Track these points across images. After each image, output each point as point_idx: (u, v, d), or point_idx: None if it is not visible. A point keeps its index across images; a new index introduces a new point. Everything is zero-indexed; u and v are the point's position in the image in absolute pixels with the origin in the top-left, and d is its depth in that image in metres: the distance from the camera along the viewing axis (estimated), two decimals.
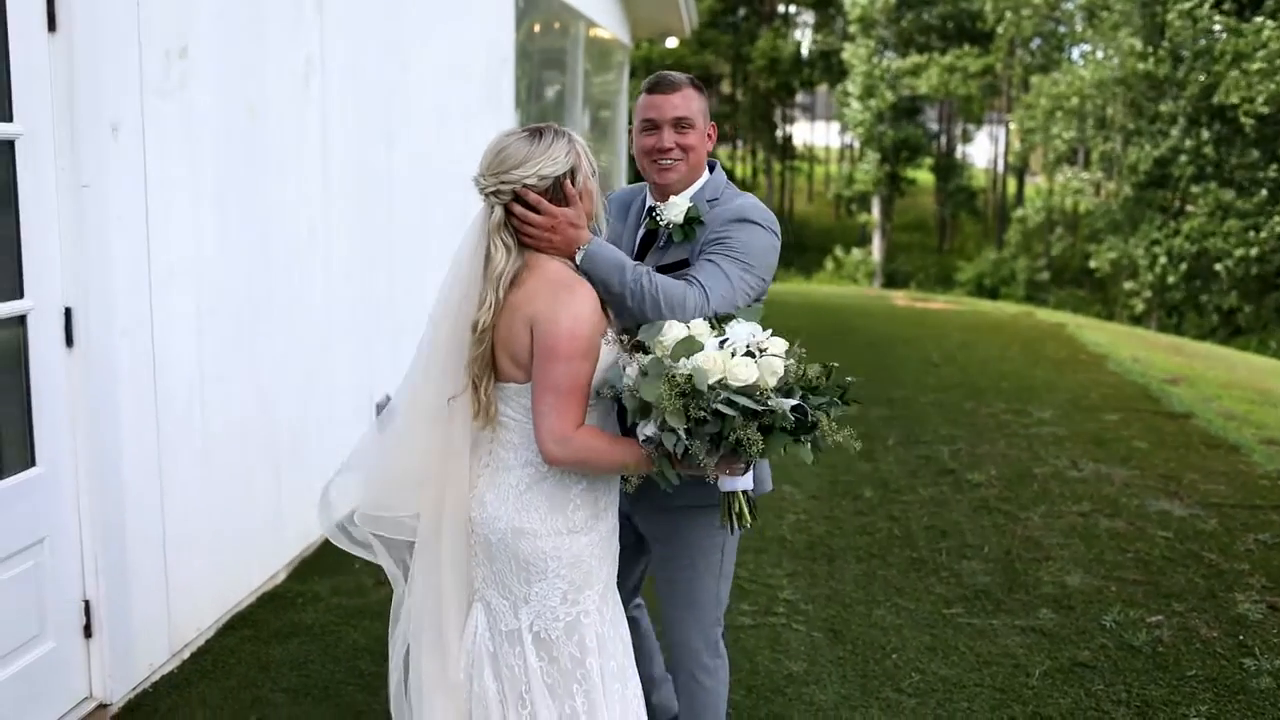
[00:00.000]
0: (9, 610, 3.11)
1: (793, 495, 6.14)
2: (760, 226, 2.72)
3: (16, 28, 3.04)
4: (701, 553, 2.89)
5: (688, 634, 2.96)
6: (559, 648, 2.61)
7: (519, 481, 2.57)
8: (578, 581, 2.61)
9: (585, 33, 10.99)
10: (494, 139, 2.58)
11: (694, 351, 2.40)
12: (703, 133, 2.78)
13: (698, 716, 3.04)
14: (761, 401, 2.36)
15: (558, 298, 2.47)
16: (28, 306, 3.13)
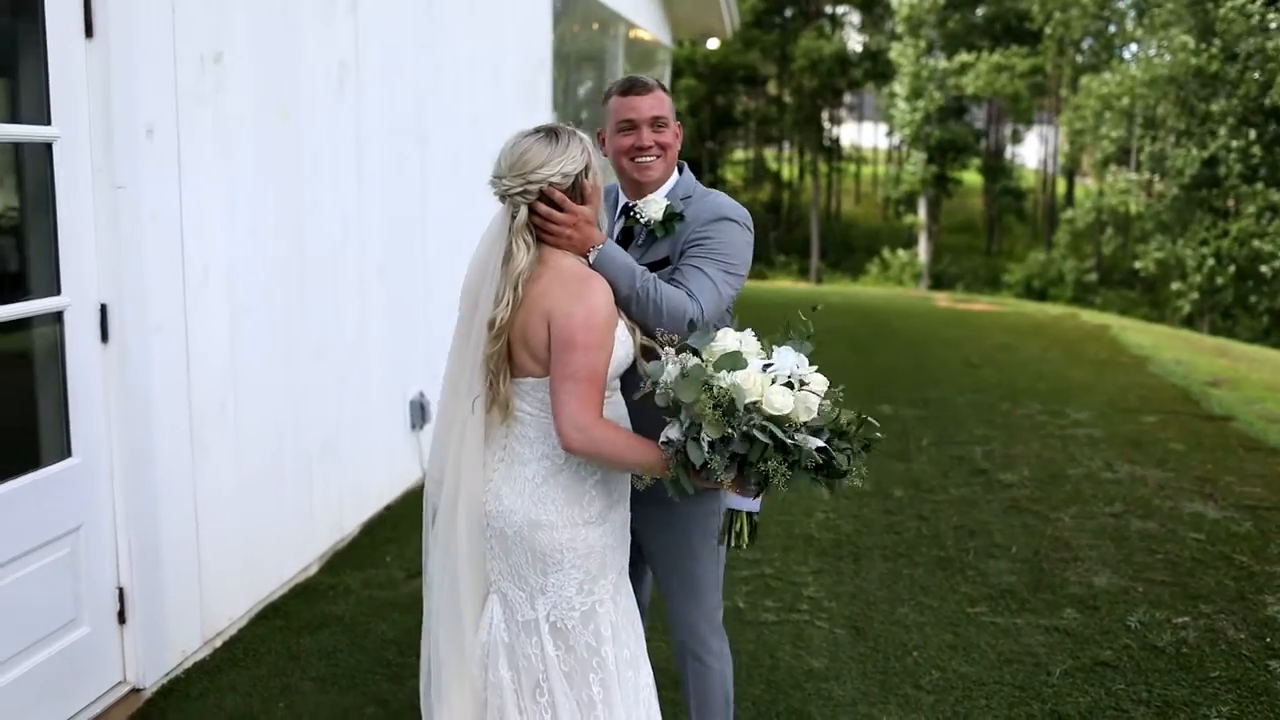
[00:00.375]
0: (47, 595, 3.23)
1: (822, 493, 6.14)
2: (737, 224, 2.81)
3: (55, 34, 3.16)
4: (701, 539, 2.95)
5: (694, 619, 3.02)
6: (575, 637, 2.67)
7: (535, 475, 2.63)
8: (593, 571, 2.67)
9: (625, 34, 11.05)
10: (510, 140, 2.64)
11: (738, 367, 2.42)
12: (674, 132, 2.85)
13: (708, 697, 3.09)
14: (790, 435, 2.39)
15: (573, 291, 2.53)
16: (65, 303, 3.25)
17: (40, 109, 3.15)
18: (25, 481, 3.14)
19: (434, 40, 5.98)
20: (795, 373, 2.45)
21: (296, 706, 3.75)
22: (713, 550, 2.99)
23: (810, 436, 2.41)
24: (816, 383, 2.47)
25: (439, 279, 5.94)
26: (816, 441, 2.41)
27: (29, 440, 3.26)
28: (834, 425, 2.46)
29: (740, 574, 4.98)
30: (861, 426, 2.52)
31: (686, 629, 3.04)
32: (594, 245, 2.65)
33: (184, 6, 3.67)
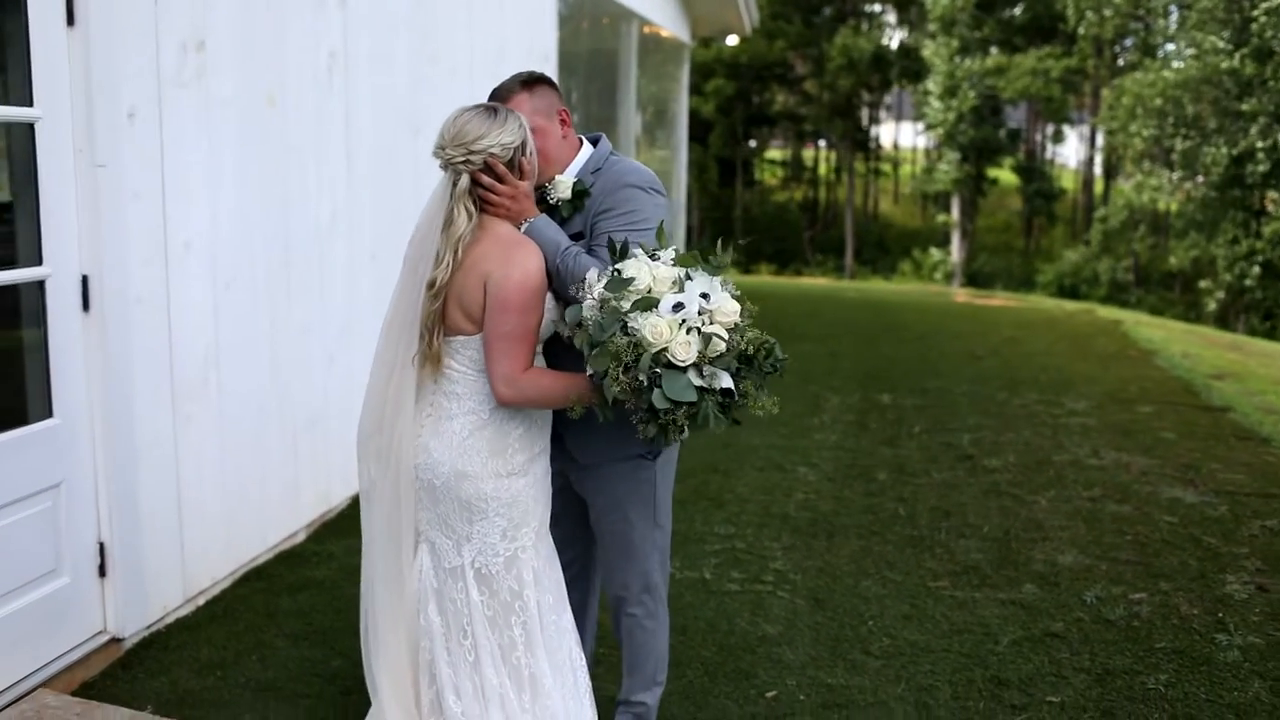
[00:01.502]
0: (28, 545, 3.46)
1: (806, 476, 6.31)
2: (640, 189, 2.93)
3: (37, 21, 3.39)
4: (635, 503, 3.10)
5: (627, 577, 3.17)
6: (499, 582, 2.86)
7: (461, 429, 2.82)
8: (515, 519, 2.85)
9: (638, 31, 11.23)
10: (452, 115, 2.83)
11: (650, 307, 2.55)
12: (544, 129, 2.93)
13: (638, 655, 3.25)
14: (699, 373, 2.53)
15: (510, 255, 2.73)
16: (46, 273, 3.48)
17: (24, 91, 3.38)
18: (7, 438, 3.37)
19: (430, 31, 6.18)
20: (705, 307, 2.54)
21: (268, 659, 3.96)
22: (648, 516, 3.13)
23: (720, 372, 2.54)
24: (727, 308, 2.57)
25: None
26: (726, 380, 2.54)
27: (12, 400, 3.48)
28: (740, 355, 2.57)
29: (711, 547, 5.15)
30: (768, 354, 2.64)
31: (620, 585, 3.20)
32: (528, 217, 2.84)
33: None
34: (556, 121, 2.99)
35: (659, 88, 12.92)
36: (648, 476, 3.09)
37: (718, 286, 2.63)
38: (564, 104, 3.04)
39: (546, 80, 3.04)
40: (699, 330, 2.53)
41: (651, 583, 3.20)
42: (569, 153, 3.02)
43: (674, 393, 2.49)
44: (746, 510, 5.70)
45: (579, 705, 2.99)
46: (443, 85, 6.37)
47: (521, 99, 2.95)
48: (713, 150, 33.55)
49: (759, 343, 2.62)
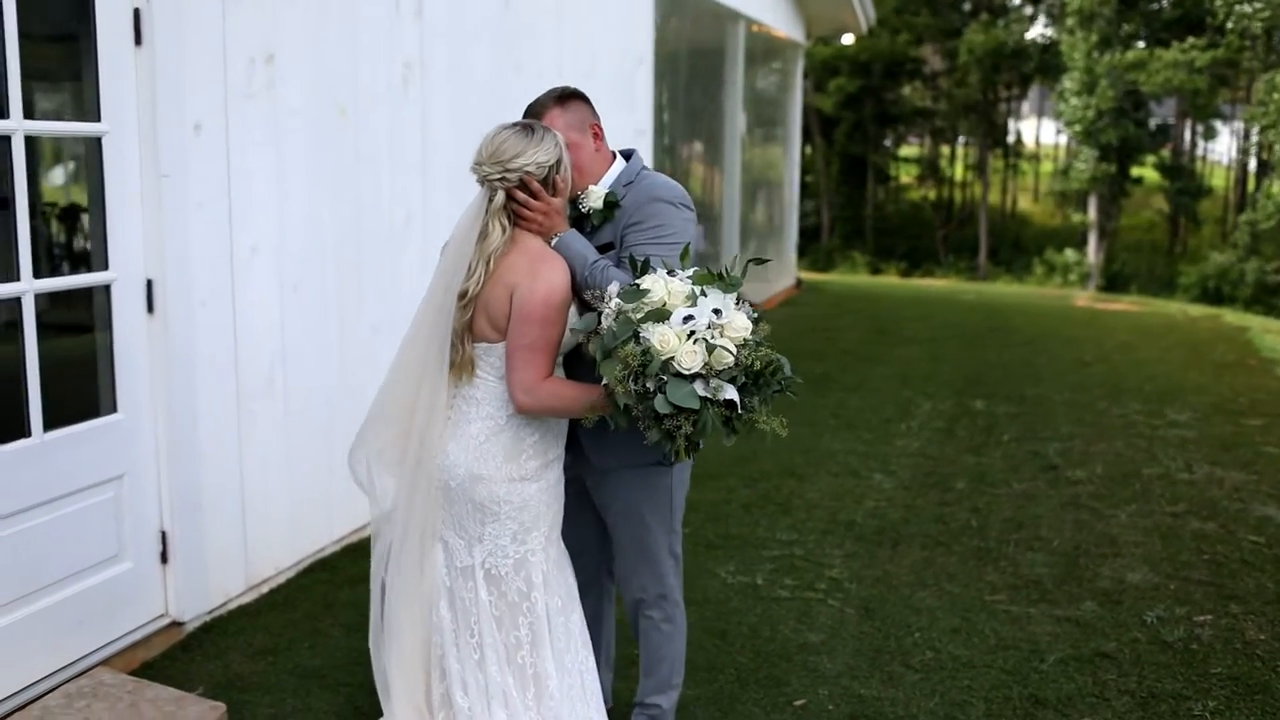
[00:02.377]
0: (92, 532, 3.71)
1: (881, 483, 6.26)
2: (669, 204, 2.99)
3: (106, 43, 3.62)
4: (650, 509, 3.16)
5: (642, 580, 3.23)
6: (508, 583, 2.96)
7: (479, 433, 2.93)
8: (526, 523, 2.95)
9: (745, 32, 11.23)
10: (491, 132, 2.93)
11: (662, 319, 2.62)
12: (577, 144, 3.01)
13: (654, 657, 3.30)
14: (705, 384, 2.58)
15: (536, 269, 2.83)
16: (112, 277, 3.71)
17: (92, 107, 3.62)
18: (72, 430, 3.62)
19: (514, 40, 6.33)
20: (715, 322, 2.59)
21: (319, 647, 4.14)
22: (664, 521, 3.20)
23: (726, 385, 2.58)
24: (738, 323, 2.62)
25: None
26: (730, 392, 2.58)
27: (79, 396, 3.73)
28: (747, 370, 2.61)
29: (769, 553, 5.16)
30: (775, 372, 2.66)
31: (638, 588, 3.26)
32: (557, 232, 2.94)
33: (234, 15, 4.10)
34: (589, 135, 3.06)
35: (769, 87, 12.89)
36: (664, 483, 3.15)
37: (730, 304, 2.68)
38: (596, 119, 3.12)
39: (580, 95, 3.13)
40: (706, 342, 2.58)
41: (667, 586, 3.26)
42: (602, 165, 3.09)
43: (677, 398, 2.55)
44: (813, 516, 5.70)
45: (585, 708, 3.07)
46: (528, 92, 6.49)
47: (555, 114, 3.04)
48: (838, 147, 33.16)
49: (767, 360, 2.65)
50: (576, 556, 3.44)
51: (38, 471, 3.49)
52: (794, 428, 7.36)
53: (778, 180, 13.88)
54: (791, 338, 11.11)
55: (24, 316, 3.42)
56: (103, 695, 3.52)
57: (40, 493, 3.51)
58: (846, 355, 10.21)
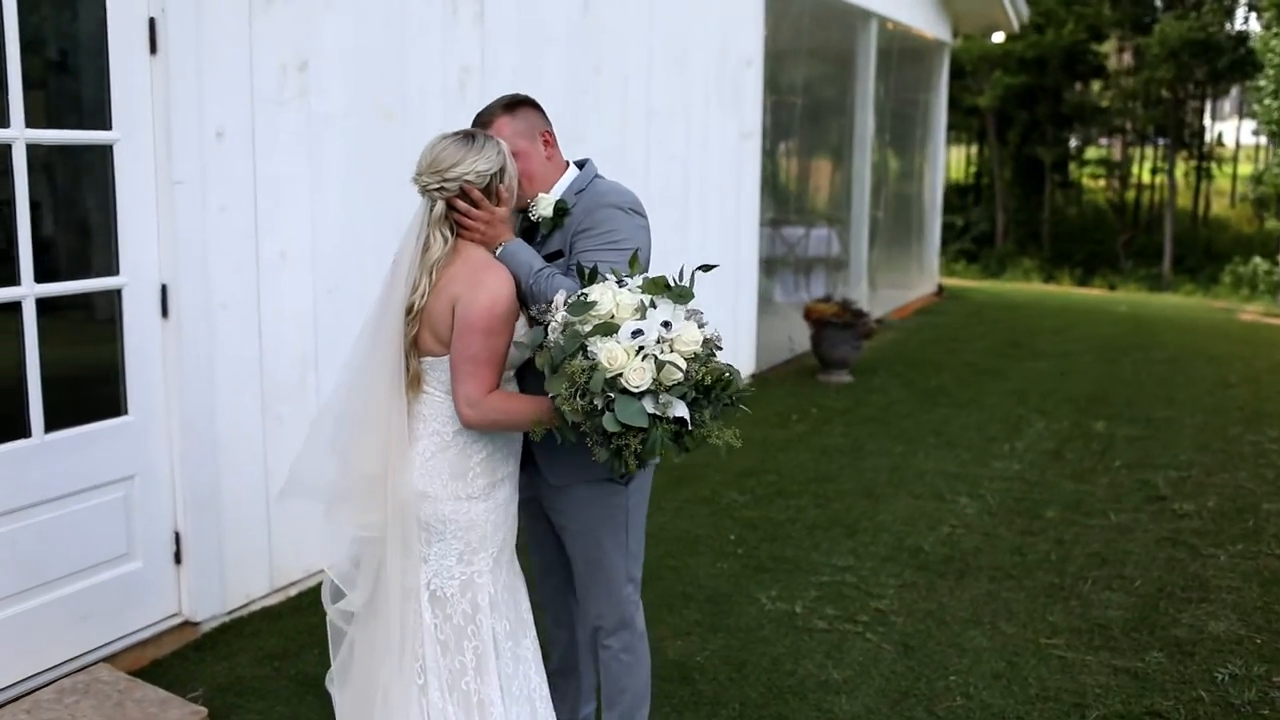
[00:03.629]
0: (99, 530, 3.79)
1: (964, 508, 5.92)
2: (619, 209, 2.88)
3: (118, 52, 3.69)
4: (606, 528, 3.02)
5: (600, 606, 3.09)
6: (453, 605, 2.86)
7: (425, 450, 2.84)
8: (473, 544, 2.84)
9: (878, 30, 10.86)
10: (431, 141, 2.84)
11: (610, 332, 2.52)
12: (526, 151, 2.92)
13: (613, 689, 3.16)
14: (655, 400, 2.46)
15: (479, 279, 2.73)
16: (122, 282, 3.79)
17: (104, 116, 3.68)
18: (78, 431, 3.71)
19: (592, 41, 6.25)
20: (664, 335, 2.49)
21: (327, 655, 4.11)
22: (619, 541, 3.06)
23: (675, 401, 2.47)
24: (687, 340, 2.50)
25: None
26: (680, 409, 2.46)
27: (89, 398, 3.81)
28: (697, 385, 2.49)
29: (818, 578, 4.93)
30: (726, 386, 2.53)
31: (596, 615, 3.13)
32: (502, 241, 2.83)
33: (262, 24, 4.13)
34: (539, 143, 2.98)
35: (909, 87, 12.45)
36: (619, 501, 3.01)
37: (680, 315, 2.57)
38: (548, 125, 3.04)
39: (529, 102, 3.04)
40: (655, 358, 2.47)
41: (626, 614, 3.11)
42: (554, 173, 3.01)
43: (626, 417, 2.43)
44: (878, 541, 5.42)
45: None
46: (608, 94, 6.43)
47: (503, 122, 2.96)
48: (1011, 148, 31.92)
49: (717, 374, 2.51)
50: (544, 577, 3.35)
51: (39, 471, 3.58)
52: (887, 444, 7.10)
53: (916, 184, 13.41)
54: (915, 348, 10.71)
55: (24, 320, 3.50)
56: (94, 692, 3.59)
57: (42, 491, 3.59)
58: (967, 368, 9.76)
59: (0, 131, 3.39)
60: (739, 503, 5.97)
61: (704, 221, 7.77)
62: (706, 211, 7.82)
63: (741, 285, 8.48)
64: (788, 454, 6.91)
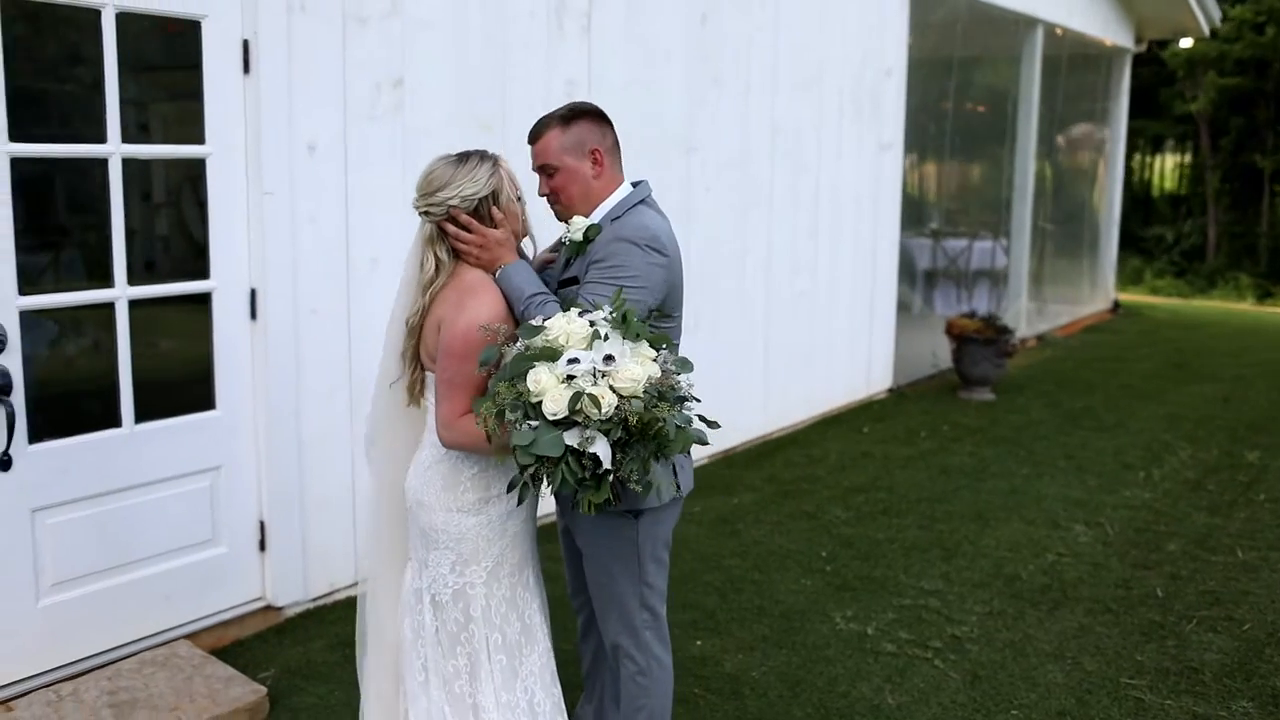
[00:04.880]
0: (185, 516, 4.08)
1: (1078, 537, 5.68)
2: (633, 244, 2.81)
3: (213, 72, 3.96)
4: (615, 557, 3.02)
5: (614, 633, 3.11)
6: (447, 612, 2.95)
7: (425, 459, 2.96)
8: (465, 555, 2.93)
9: (1044, 37, 10.48)
10: (428, 164, 2.94)
11: (553, 359, 2.48)
12: (572, 169, 2.91)
13: (630, 707, 3.17)
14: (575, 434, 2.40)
15: (461, 303, 2.80)
16: (212, 286, 4.07)
17: (198, 131, 3.97)
18: (167, 423, 4.00)
19: (712, 53, 6.29)
20: (601, 369, 2.42)
21: None
22: (632, 572, 3.05)
23: (599, 437, 2.39)
24: (624, 377, 2.42)
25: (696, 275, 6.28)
26: (600, 445, 2.39)
27: (180, 393, 4.10)
28: (623, 424, 2.40)
29: (899, 601, 4.83)
30: (655, 434, 2.42)
31: (613, 634, 3.14)
32: (501, 265, 2.86)
33: (356, 44, 4.36)
34: (587, 160, 2.93)
35: (1083, 96, 11.95)
36: (629, 535, 3.01)
37: (627, 352, 2.48)
38: (602, 141, 2.96)
39: (589, 114, 2.99)
40: (580, 390, 2.40)
41: (641, 640, 3.12)
42: (603, 192, 2.96)
43: (539, 447, 2.41)
44: (974, 566, 5.26)
45: None
46: (729, 106, 6.47)
47: (552, 135, 2.94)
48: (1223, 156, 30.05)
49: (648, 420, 2.40)
50: (575, 595, 3.39)
51: (127, 458, 3.88)
52: (1013, 466, 6.87)
53: (1089, 194, 12.84)
54: (1071, 367, 10.28)
55: (116, 320, 3.81)
56: (171, 666, 3.87)
57: (130, 477, 3.89)
58: (1121, 390, 9.30)
59: (98, 147, 3.70)
60: (840, 519, 5.89)
61: (835, 234, 7.69)
62: (839, 224, 7.73)
63: (878, 297, 8.35)
64: (905, 472, 6.77)
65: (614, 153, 3.02)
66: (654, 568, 3.08)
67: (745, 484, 6.46)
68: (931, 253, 10.44)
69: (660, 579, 3.12)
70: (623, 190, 3.01)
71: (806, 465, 6.82)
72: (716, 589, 4.96)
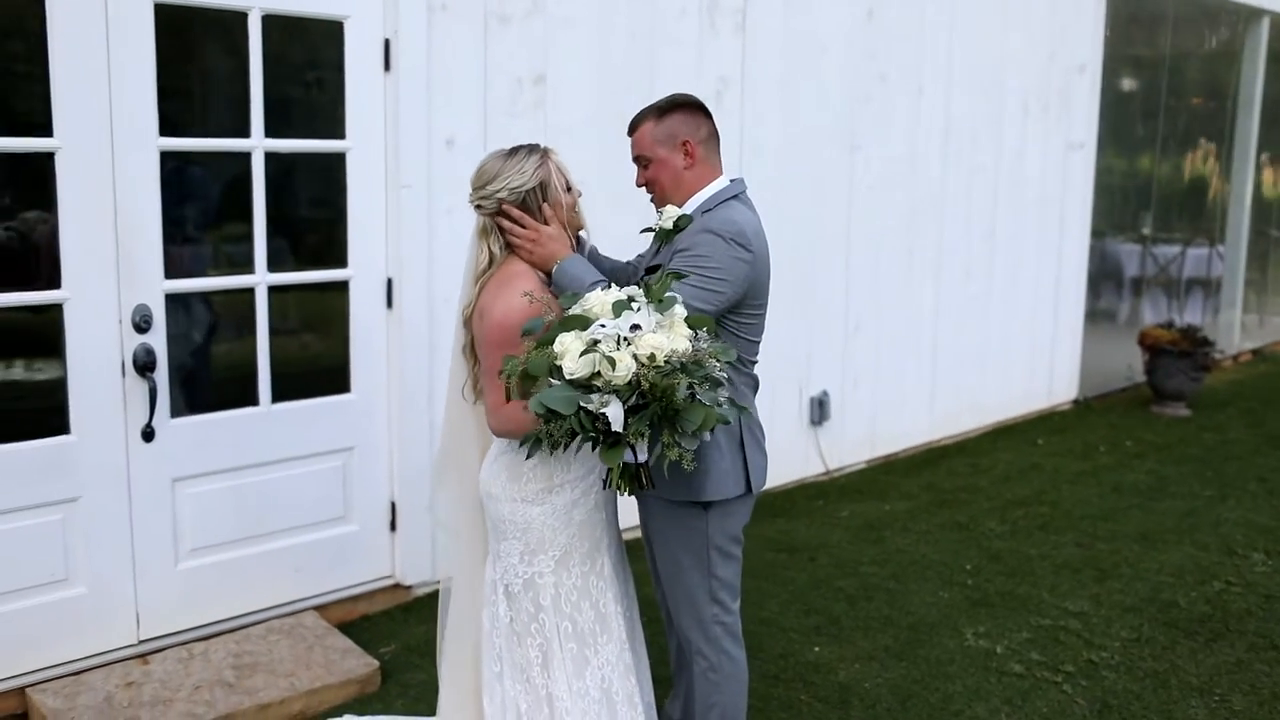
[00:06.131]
0: (318, 493, 4.29)
1: (1254, 565, 5.28)
2: (718, 236, 2.80)
3: (354, 70, 4.15)
4: (685, 548, 3.02)
5: (686, 625, 3.11)
6: (518, 602, 3.00)
7: (494, 451, 3.02)
8: (532, 545, 2.96)
9: (1268, 30, 9.74)
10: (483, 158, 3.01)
11: (585, 326, 2.50)
12: (664, 160, 2.95)
13: (703, 703, 3.15)
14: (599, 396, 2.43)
15: (499, 292, 2.85)
16: (349, 274, 4.26)
17: (338, 126, 4.16)
18: (302, 404, 4.21)
19: (877, 49, 6.15)
20: (626, 336, 2.43)
21: None
22: (701, 563, 3.03)
23: (613, 400, 2.40)
24: (646, 345, 2.42)
25: (859, 272, 6.16)
26: (612, 409, 2.40)
27: (317, 377, 4.30)
28: (636, 389, 2.41)
29: (1038, 620, 4.61)
30: (668, 402, 2.41)
31: (685, 627, 3.14)
32: (557, 259, 2.88)
33: (497, 42, 4.48)
34: (679, 152, 2.95)
35: None
36: (698, 525, 3.00)
37: (654, 322, 2.49)
38: (695, 133, 2.98)
39: (688, 106, 3.02)
40: (603, 354, 2.42)
41: (711, 634, 3.09)
42: (696, 184, 2.98)
43: (550, 400, 2.40)
44: (1129, 589, 4.95)
45: None
46: (896, 103, 6.33)
47: (646, 128, 2.99)
48: None
49: (664, 388, 2.40)
50: (656, 582, 3.40)
51: (263, 435, 4.11)
52: (1195, 487, 6.45)
53: None
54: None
55: (257, 304, 4.04)
56: (295, 635, 4.08)
57: (265, 453, 4.12)
58: None
59: (240, 141, 3.93)
60: (993, 533, 5.66)
61: (1015, 236, 7.37)
62: (1020, 226, 7.40)
63: (1063, 304, 7.95)
64: (1074, 487, 6.43)
65: (709, 144, 3.02)
66: (722, 560, 3.05)
67: (901, 491, 6.28)
68: (1140, 259, 9.86)
69: (729, 573, 3.08)
70: (718, 184, 3.01)
71: (969, 475, 6.57)
72: (847, 596, 4.84)
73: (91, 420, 3.70)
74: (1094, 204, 8.10)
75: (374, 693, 3.91)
